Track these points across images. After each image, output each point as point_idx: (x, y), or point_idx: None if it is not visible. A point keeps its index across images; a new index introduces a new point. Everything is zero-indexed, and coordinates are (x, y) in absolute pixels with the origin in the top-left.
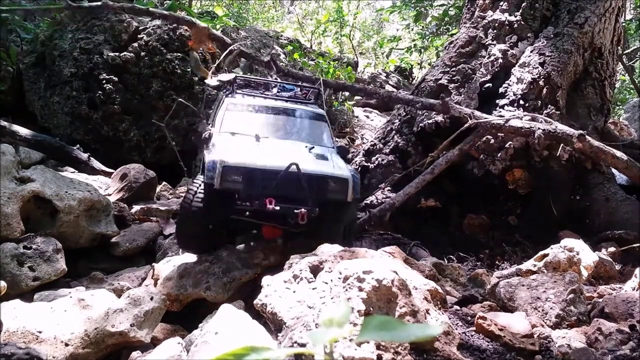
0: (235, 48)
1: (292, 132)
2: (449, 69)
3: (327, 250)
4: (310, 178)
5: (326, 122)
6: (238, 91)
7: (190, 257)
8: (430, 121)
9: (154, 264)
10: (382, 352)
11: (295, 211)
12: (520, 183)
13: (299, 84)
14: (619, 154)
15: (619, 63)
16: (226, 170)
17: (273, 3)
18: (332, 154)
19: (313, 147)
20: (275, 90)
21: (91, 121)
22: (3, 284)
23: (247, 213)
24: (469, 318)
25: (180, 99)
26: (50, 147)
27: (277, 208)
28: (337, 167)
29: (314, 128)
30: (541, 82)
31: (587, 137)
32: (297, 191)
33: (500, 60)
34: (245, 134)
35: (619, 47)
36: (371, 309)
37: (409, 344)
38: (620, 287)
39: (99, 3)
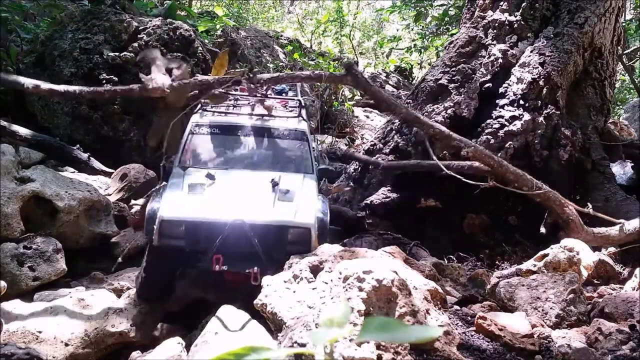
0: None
1: (261, 158)
2: (449, 69)
3: (327, 250)
4: (264, 230)
5: (307, 140)
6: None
7: None
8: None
9: None
10: (382, 352)
11: (247, 271)
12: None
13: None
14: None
15: (619, 63)
16: (165, 225)
17: (273, 3)
18: (305, 187)
19: (278, 183)
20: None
21: (91, 121)
22: (3, 284)
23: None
24: (469, 318)
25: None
26: (50, 147)
27: (225, 268)
28: (300, 210)
29: (290, 150)
30: (541, 82)
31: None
32: (248, 246)
33: (500, 60)
34: (202, 168)
35: (619, 47)
36: (371, 309)
37: (409, 344)
38: (620, 287)
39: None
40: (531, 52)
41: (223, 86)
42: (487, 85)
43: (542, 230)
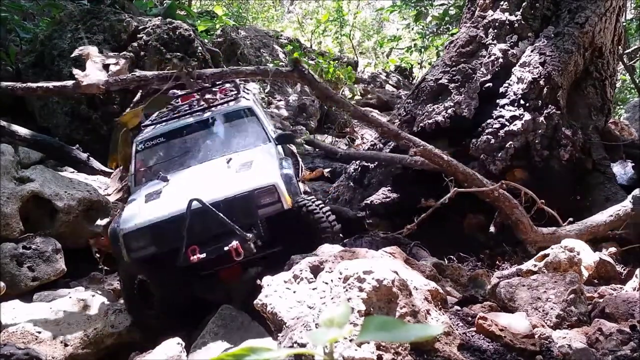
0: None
1: (213, 147)
2: (449, 69)
3: (328, 250)
4: (228, 204)
5: (253, 113)
6: (149, 123)
7: None
8: (430, 121)
9: None
10: (382, 352)
11: (225, 249)
12: (520, 183)
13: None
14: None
15: (620, 63)
16: (129, 237)
17: (273, 2)
18: (263, 155)
19: (232, 158)
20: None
21: (90, 121)
22: (2, 284)
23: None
24: (470, 318)
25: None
26: (49, 147)
27: (203, 256)
28: (261, 173)
29: (239, 129)
30: (542, 82)
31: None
32: (219, 226)
33: (500, 60)
34: (155, 178)
35: (620, 47)
36: (371, 309)
37: (409, 345)
38: (620, 288)
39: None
40: (532, 51)
41: (162, 82)
42: (487, 85)
43: (492, 229)
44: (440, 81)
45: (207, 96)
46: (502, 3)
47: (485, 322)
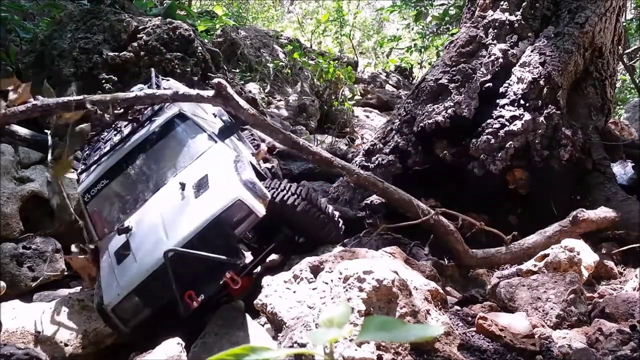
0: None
1: (157, 173)
2: (449, 69)
3: (328, 250)
4: (201, 238)
5: (187, 118)
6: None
7: None
8: (430, 121)
9: None
10: (382, 352)
11: (221, 282)
12: (520, 183)
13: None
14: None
15: (620, 63)
16: (120, 310)
17: (273, 2)
18: (214, 161)
19: (185, 182)
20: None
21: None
22: (2, 284)
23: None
24: (470, 318)
25: None
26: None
27: (202, 298)
28: (220, 189)
29: (177, 142)
30: (542, 82)
31: None
32: (204, 262)
33: (500, 60)
34: (113, 231)
35: (620, 47)
36: (371, 309)
37: (409, 345)
38: (620, 288)
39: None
40: (532, 51)
41: (66, 110)
42: (487, 85)
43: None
44: (440, 81)
45: (134, 112)
46: (502, 3)
47: (485, 322)
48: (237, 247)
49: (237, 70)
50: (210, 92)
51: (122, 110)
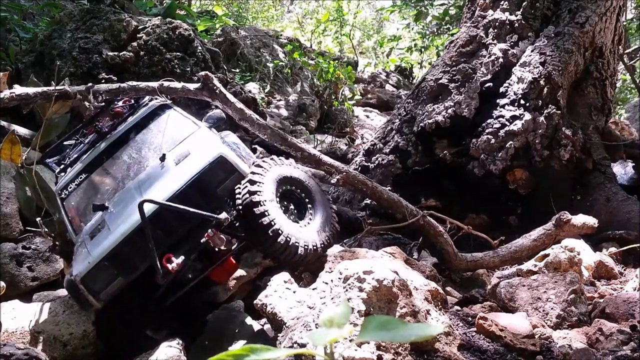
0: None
1: (139, 160)
2: (449, 69)
3: (328, 251)
4: (184, 196)
5: (170, 107)
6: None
7: None
8: (430, 121)
9: None
10: (382, 352)
11: (202, 240)
12: (520, 183)
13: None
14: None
15: (620, 62)
16: (87, 280)
17: (273, 2)
18: (198, 138)
19: (165, 155)
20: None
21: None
22: (2, 284)
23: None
24: (470, 319)
25: None
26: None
27: (181, 260)
28: (202, 152)
29: (160, 129)
30: (542, 82)
31: None
32: (184, 222)
33: (500, 60)
34: (92, 214)
35: (620, 47)
36: (371, 309)
37: (409, 345)
38: (621, 288)
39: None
40: (532, 51)
41: (46, 100)
42: (487, 84)
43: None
44: (440, 81)
45: (117, 109)
46: (502, 3)
47: (485, 322)
48: (220, 205)
49: (237, 70)
50: (196, 85)
51: (103, 103)
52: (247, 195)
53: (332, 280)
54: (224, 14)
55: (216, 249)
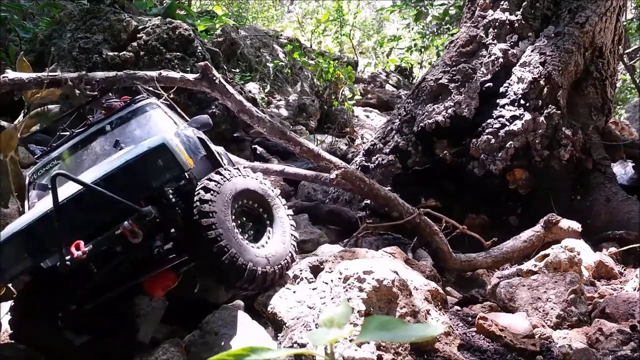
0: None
1: (109, 151)
2: (449, 69)
3: (328, 250)
4: (110, 179)
5: (157, 107)
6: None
7: None
8: (430, 121)
9: None
10: (382, 352)
11: (117, 233)
12: (520, 183)
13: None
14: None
15: (620, 62)
16: None
17: (273, 2)
18: (158, 125)
19: (117, 141)
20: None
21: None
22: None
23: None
24: (470, 319)
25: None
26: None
27: (89, 248)
28: (149, 140)
29: (139, 125)
30: (542, 82)
31: None
32: (107, 211)
33: (500, 60)
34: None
35: (620, 47)
36: (372, 309)
37: (409, 345)
38: (621, 288)
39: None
40: (532, 51)
41: (39, 86)
42: (487, 84)
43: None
44: (440, 81)
45: (110, 103)
46: (502, 3)
47: (485, 322)
48: (158, 199)
49: (237, 70)
50: (195, 75)
51: (98, 92)
52: (198, 203)
53: (332, 280)
54: (224, 14)
55: (155, 258)
